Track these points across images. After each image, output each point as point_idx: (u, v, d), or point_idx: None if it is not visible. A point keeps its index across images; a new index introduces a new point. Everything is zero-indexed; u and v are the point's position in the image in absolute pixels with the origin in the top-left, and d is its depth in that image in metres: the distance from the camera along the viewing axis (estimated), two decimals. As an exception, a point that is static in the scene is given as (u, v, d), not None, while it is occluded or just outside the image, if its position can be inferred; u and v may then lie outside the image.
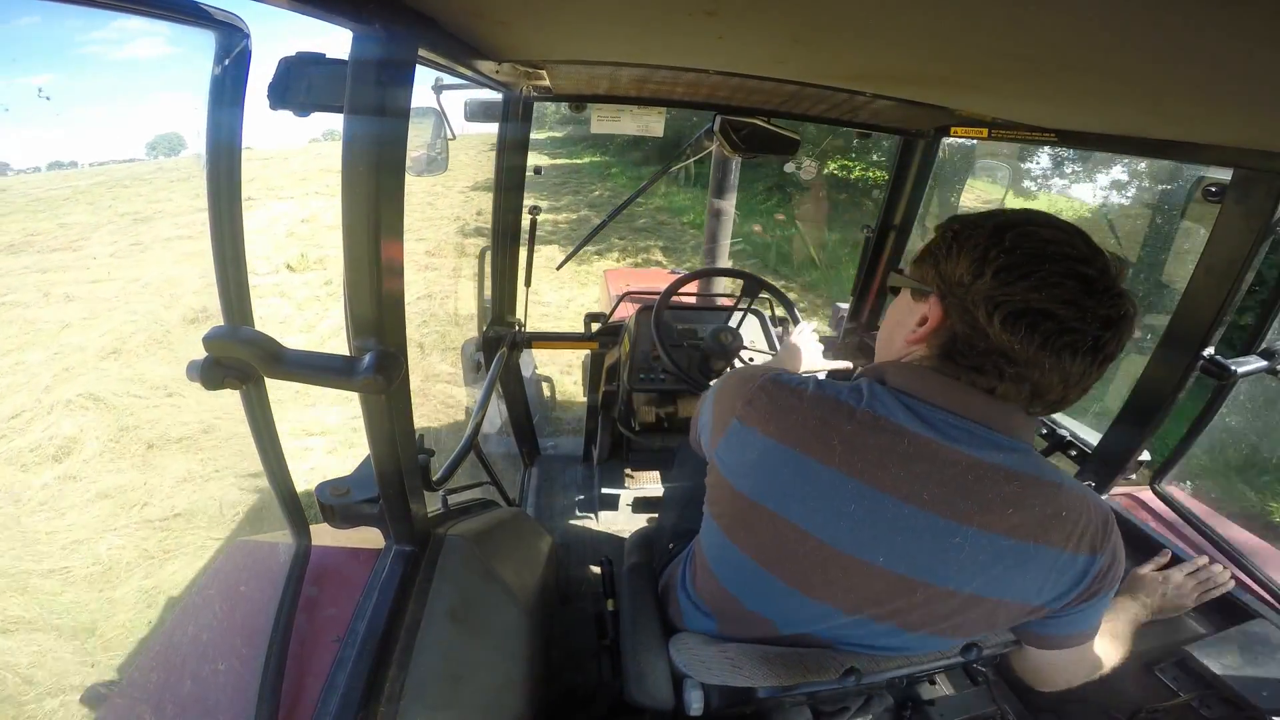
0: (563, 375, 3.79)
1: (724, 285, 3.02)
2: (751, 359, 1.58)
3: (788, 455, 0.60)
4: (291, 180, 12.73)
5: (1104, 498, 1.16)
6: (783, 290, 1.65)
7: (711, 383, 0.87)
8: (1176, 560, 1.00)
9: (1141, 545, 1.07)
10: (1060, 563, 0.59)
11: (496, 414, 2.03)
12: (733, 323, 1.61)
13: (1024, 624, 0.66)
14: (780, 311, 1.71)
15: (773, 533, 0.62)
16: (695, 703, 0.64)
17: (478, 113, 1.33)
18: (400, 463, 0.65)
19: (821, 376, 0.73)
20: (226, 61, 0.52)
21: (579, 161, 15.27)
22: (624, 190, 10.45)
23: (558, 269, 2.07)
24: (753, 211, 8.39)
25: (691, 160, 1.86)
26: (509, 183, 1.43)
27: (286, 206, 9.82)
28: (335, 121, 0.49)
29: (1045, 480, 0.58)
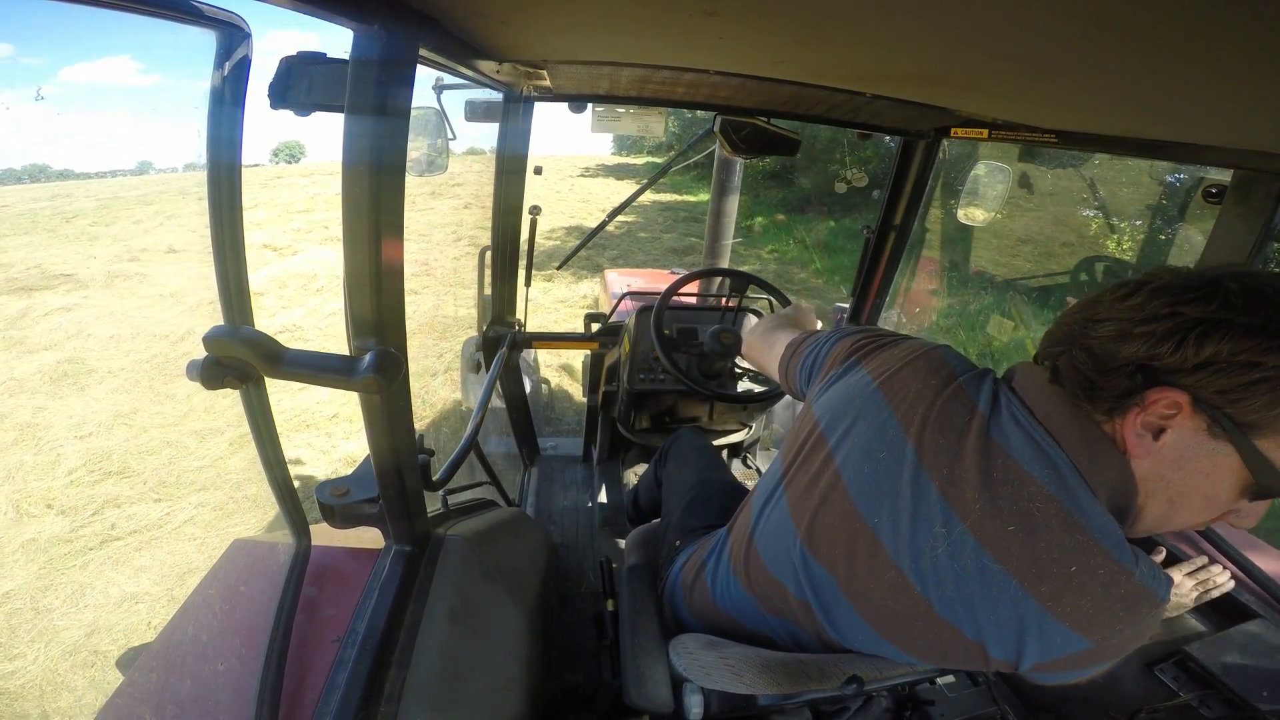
0: (562, 375, 3.79)
1: (725, 286, 3.03)
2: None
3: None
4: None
5: None
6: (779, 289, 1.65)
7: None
8: (1176, 559, 1.00)
9: (1141, 545, 1.07)
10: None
11: (496, 414, 2.03)
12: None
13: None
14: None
15: (861, 557, 0.57)
16: (695, 708, 0.63)
17: (478, 113, 1.33)
18: (400, 463, 0.65)
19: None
20: (227, 61, 0.52)
21: (693, 199, 10.88)
22: (784, 261, 7.31)
23: (558, 268, 2.09)
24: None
25: (693, 160, 1.87)
26: (510, 183, 1.43)
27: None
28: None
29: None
